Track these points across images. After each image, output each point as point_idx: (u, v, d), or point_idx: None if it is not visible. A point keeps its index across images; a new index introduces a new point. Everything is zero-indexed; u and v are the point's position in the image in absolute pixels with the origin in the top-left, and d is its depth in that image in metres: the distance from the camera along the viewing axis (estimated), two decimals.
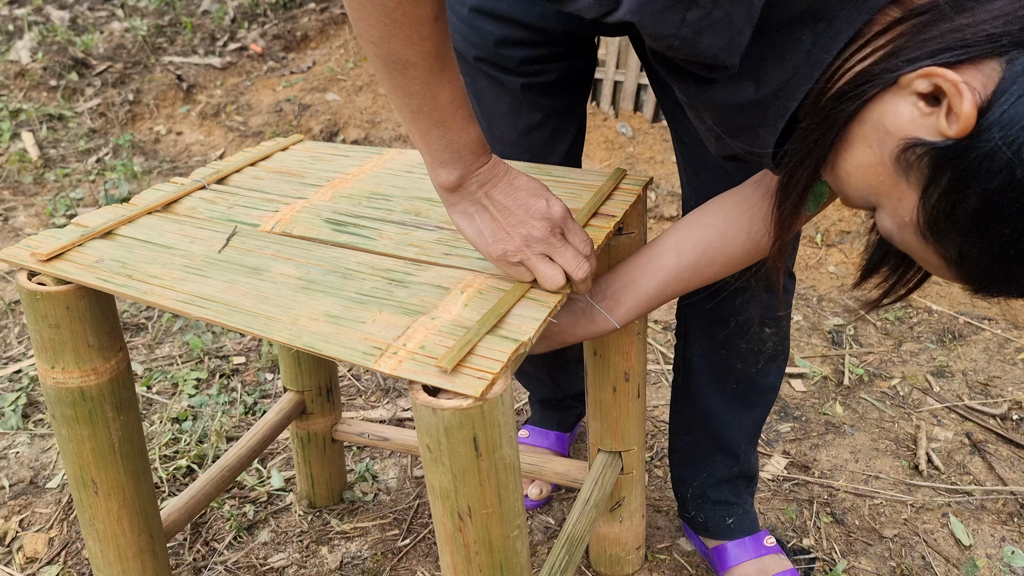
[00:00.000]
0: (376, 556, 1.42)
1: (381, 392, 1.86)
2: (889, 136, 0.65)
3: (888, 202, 0.68)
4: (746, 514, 1.34)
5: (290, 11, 4.52)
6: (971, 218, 0.61)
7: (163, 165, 3.12)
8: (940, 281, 2.26)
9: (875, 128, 0.66)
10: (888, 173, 0.66)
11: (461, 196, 0.82)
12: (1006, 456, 1.63)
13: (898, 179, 0.65)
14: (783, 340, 1.21)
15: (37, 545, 1.45)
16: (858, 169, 0.68)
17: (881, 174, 0.66)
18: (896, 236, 0.70)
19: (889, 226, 0.70)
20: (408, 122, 0.78)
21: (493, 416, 0.72)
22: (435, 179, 0.82)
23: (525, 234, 0.82)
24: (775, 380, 1.24)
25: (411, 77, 0.74)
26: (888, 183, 0.66)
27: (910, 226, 0.67)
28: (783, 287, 1.16)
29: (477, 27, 1.05)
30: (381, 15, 0.70)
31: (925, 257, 0.69)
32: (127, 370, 1.01)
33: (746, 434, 1.27)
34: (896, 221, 0.68)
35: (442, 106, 0.76)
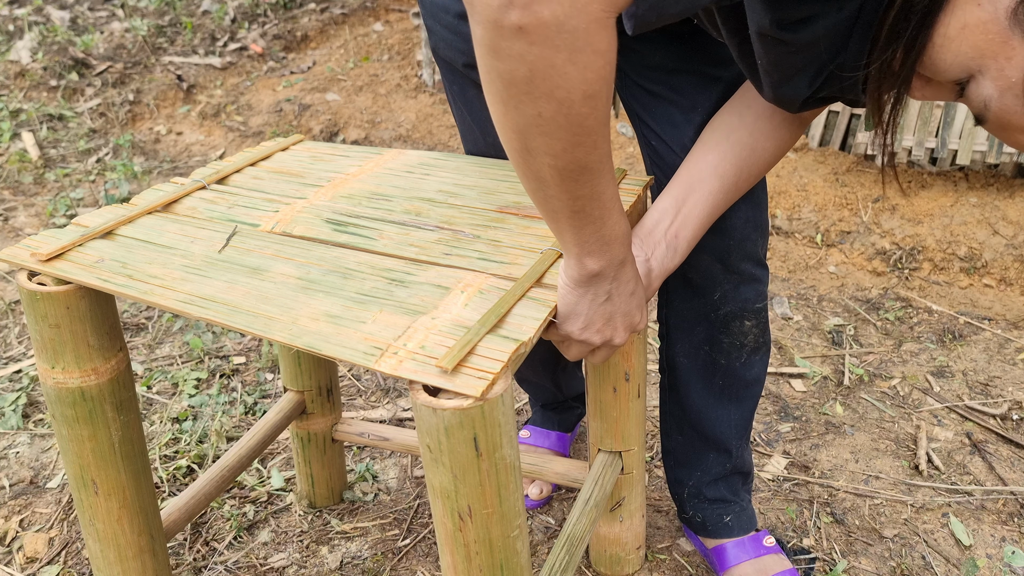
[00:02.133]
0: (376, 556, 1.42)
1: (381, 392, 1.86)
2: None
3: (994, 63, 0.66)
4: (743, 511, 1.34)
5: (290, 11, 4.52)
6: None
7: (163, 165, 3.12)
8: (940, 281, 2.26)
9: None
10: (999, 30, 0.65)
11: (593, 284, 0.83)
12: (1006, 456, 1.63)
13: (1010, 36, 0.64)
14: (763, 332, 1.22)
15: (37, 545, 1.45)
16: (963, 31, 0.66)
17: (991, 31, 0.65)
18: (995, 103, 0.68)
19: (989, 93, 0.68)
20: (562, 220, 0.76)
21: (493, 416, 0.72)
22: (576, 268, 0.81)
23: (609, 336, 0.87)
24: (759, 373, 1.25)
25: (584, 181, 0.72)
26: (998, 41, 0.65)
27: (1016, 87, 0.66)
28: (756, 278, 1.17)
29: (464, 34, 1.05)
30: (571, 126, 0.66)
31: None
32: (127, 370, 1.01)
33: (736, 429, 1.28)
34: (1001, 84, 0.67)
35: (605, 203, 0.75)
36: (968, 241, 2.34)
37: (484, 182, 1.11)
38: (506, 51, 0.61)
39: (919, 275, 2.29)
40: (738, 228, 1.10)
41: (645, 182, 1.08)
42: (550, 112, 0.64)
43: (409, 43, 4.10)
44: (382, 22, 4.45)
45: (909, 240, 2.37)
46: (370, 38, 4.23)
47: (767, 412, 1.77)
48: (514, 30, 0.59)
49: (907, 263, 2.32)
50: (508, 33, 0.59)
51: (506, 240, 0.95)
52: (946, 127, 2.65)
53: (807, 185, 2.64)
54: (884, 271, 2.32)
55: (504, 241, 0.95)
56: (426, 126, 3.34)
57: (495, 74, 0.63)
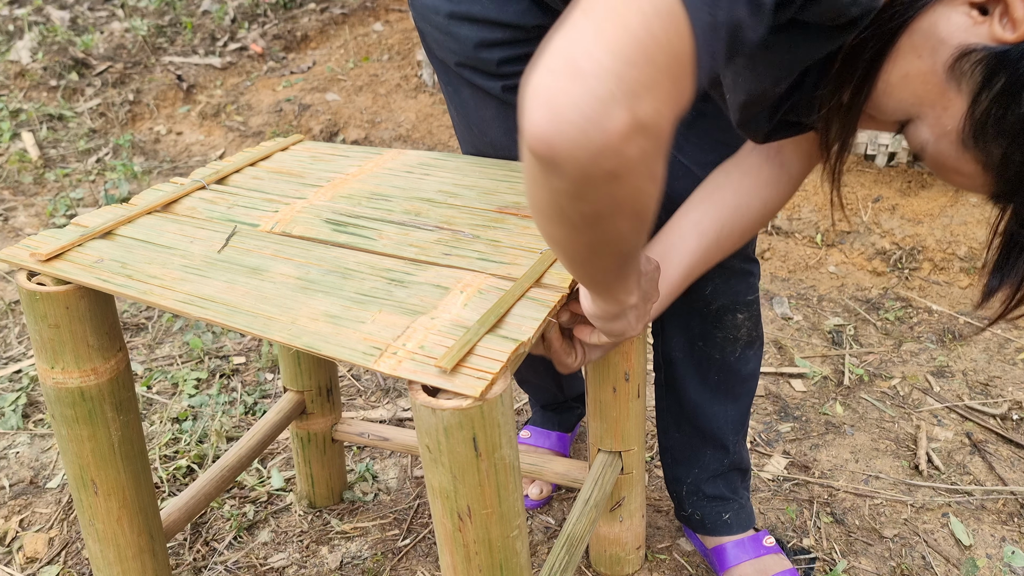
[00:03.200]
0: (376, 556, 1.42)
1: (381, 392, 1.86)
2: (943, 44, 0.66)
3: (931, 112, 0.69)
4: (742, 509, 1.34)
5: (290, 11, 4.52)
6: (1022, 121, 0.64)
7: (163, 165, 3.12)
8: (940, 281, 2.26)
9: (927, 37, 0.67)
10: (937, 81, 0.67)
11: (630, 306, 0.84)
12: (1006, 456, 1.63)
13: (947, 87, 0.67)
14: (756, 325, 1.23)
15: (37, 545, 1.45)
16: (903, 80, 0.69)
17: (929, 83, 0.68)
18: (931, 147, 0.71)
19: (925, 137, 0.71)
20: (606, 274, 0.73)
21: (493, 416, 0.72)
22: (623, 300, 0.81)
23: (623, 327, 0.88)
24: (754, 367, 1.26)
25: (633, 252, 0.69)
26: (935, 92, 0.68)
27: (951, 135, 0.68)
28: (747, 271, 1.18)
29: (454, 33, 1.06)
30: (643, 226, 0.62)
31: (958, 166, 0.71)
32: (127, 370, 1.01)
33: (733, 424, 1.28)
34: (936, 131, 0.70)
35: (640, 250, 0.75)
36: (968, 241, 2.34)
37: (484, 182, 1.11)
38: (593, 195, 0.56)
39: (919, 275, 2.29)
40: None
41: None
42: (628, 225, 0.61)
43: (409, 43, 4.10)
44: (382, 22, 4.45)
45: (909, 240, 2.37)
46: (370, 38, 4.23)
47: (767, 412, 1.77)
48: (607, 176, 0.53)
49: (907, 263, 2.32)
50: (600, 180, 0.54)
51: (505, 240, 0.95)
52: None
53: (807, 185, 2.64)
54: (884, 271, 2.32)
55: (503, 241, 0.95)
56: (426, 126, 3.34)
57: (571, 214, 0.59)
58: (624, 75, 0.50)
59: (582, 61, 0.50)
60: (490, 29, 1.04)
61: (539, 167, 0.54)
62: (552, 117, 0.50)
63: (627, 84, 0.50)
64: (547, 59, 0.52)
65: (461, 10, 1.04)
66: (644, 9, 0.51)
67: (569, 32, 0.52)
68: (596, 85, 0.50)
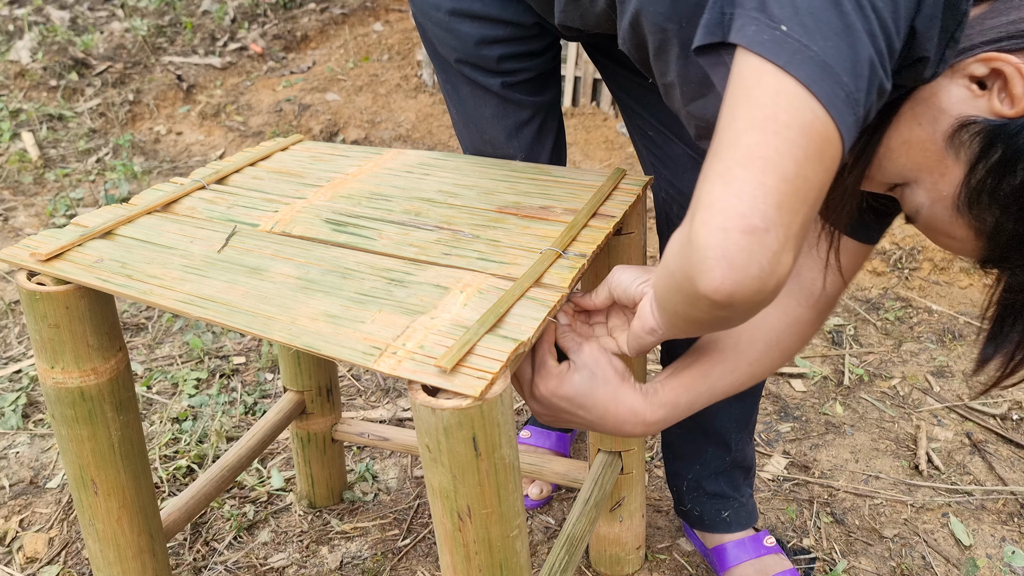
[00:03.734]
0: (376, 556, 1.42)
1: (381, 392, 1.86)
2: (943, 115, 0.68)
3: (928, 178, 0.71)
4: (743, 507, 1.34)
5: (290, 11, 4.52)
6: (1016, 192, 0.66)
7: (163, 165, 3.12)
8: (940, 281, 2.26)
9: (927, 107, 0.69)
10: (936, 150, 0.70)
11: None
12: (1006, 456, 1.63)
13: (944, 155, 0.69)
14: None
15: (37, 545, 1.45)
16: (903, 146, 0.72)
17: (928, 150, 0.70)
18: (925, 211, 0.73)
19: (921, 201, 0.73)
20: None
21: (492, 416, 0.72)
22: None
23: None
24: None
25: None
26: (933, 159, 0.70)
27: (946, 200, 0.71)
28: None
29: (455, 30, 1.07)
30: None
31: (950, 231, 0.73)
32: (127, 370, 1.01)
33: (736, 422, 1.28)
34: (932, 196, 0.72)
35: None
36: None
37: (483, 182, 1.11)
38: (749, 316, 0.64)
39: (919, 275, 2.29)
40: None
41: (645, 182, 1.08)
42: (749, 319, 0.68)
43: (409, 43, 4.10)
44: (382, 22, 4.46)
45: (909, 240, 2.37)
46: (370, 38, 4.23)
47: (767, 412, 1.77)
48: (764, 302, 0.61)
49: (907, 263, 2.32)
50: (759, 307, 0.61)
51: (505, 240, 0.95)
52: None
53: None
54: (884, 271, 2.32)
55: (503, 241, 0.95)
56: (426, 126, 3.34)
57: (716, 324, 0.67)
58: (789, 224, 0.57)
59: (753, 219, 0.56)
60: (491, 26, 1.05)
61: (709, 306, 0.61)
62: (733, 273, 0.57)
63: (792, 231, 0.58)
64: (716, 216, 0.57)
65: (462, 7, 1.05)
66: (797, 156, 0.56)
67: (732, 186, 0.57)
68: (770, 240, 0.56)
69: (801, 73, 0.57)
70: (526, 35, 1.07)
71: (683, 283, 0.62)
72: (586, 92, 3.34)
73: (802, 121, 0.57)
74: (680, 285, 0.63)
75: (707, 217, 0.57)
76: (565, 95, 3.35)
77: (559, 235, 0.95)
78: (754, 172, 0.56)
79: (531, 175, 1.12)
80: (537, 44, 1.10)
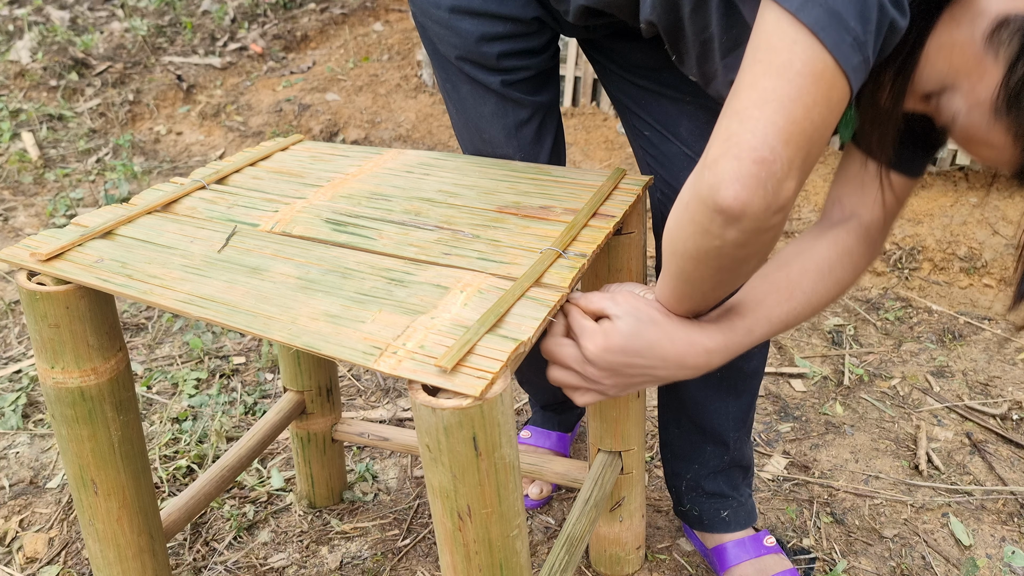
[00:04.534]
0: (376, 556, 1.42)
1: (381, 392, 1.86)
2: (982, 15, 0.69)
3: (967, 81, 0.72)
4: (742, 507, 1.34)
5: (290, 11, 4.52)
6: None
7: (163, 165, 3.12)
8: (940, 281, 2.26)
9: (966, 8, 0.70)
10: (974, 51, 0.70)
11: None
12: (1006, 456, 1.63)
13: (983, 57, 0.70)
14: None
15: (37, 545, 1.45)
16: (941, 50, 0.72)
17: (966, 52, 0.71)
18: (962, 117, 0.74)
19: (958, 107, 0.73)
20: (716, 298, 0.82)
21: (493, 416, 0.72)
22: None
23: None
24: (758, 365, 1.25)
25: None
26: (972, 61, 0.71)
27: (984, 105, 0.71)
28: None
29: (455, 27, 1.07)
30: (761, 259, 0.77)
31: (989, 137, 0.73)
32: (127, 370, 1.01)
33: (734, 421, 1.28)
34: (970, 100, 0.72)
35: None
36: (968, 241, 2.34)
37: (484, 182, 1.11)
38: (755, 242, 0.71)
39: (919, 275, 2.29)
40: None
41: (644, 182, 1.08)
42: (755, 262, 0.76)
43: (409, 43, 4.10)
44: (382, 22, 4.46)
45: (909, 240, 2.37)
46: (370, 38, 4.23)
47: (767, 412, 1.77)
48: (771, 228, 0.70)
49: (907, 263, 2.32)
50: (766, 231, 0.70)
51: (505, 240, 0.95)
52: None
53: (807, 185, 2.64)
54: (884, 271, 2.32)
55: (503, 241, 0.95)
56: (426, 126, 3.34)
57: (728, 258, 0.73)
58: (793, 158, 0.66)
59: (763, 151, 0.65)
60: (491, 23, 1.06)
61: (721, 222, 0.69)
62: (745, 191, 0.66)
63: (795, 164, 0.66)
64: (731, 147, 0.66)
65: (463, 4, 1.05)
66: (806, 101, 0.64)
67: (747, 124, 0.66)
68: (776, 169, 0.65)
69: (810, 20, 0.63)
70: (526, 32, 1.08)
71: (698, 207, 0.70)
72: (586, 92, 3.34)
73: (813, 70, 0.64)
74: (694, 211, 0.71)
75: (725, 148, 0.66)
76: (565, 95, 3.36)
77: (559, 235, 0.95)
78: (767, 113, 0.65)
79: (531, 175, 1.12)
80: (536, 41, 1.10)
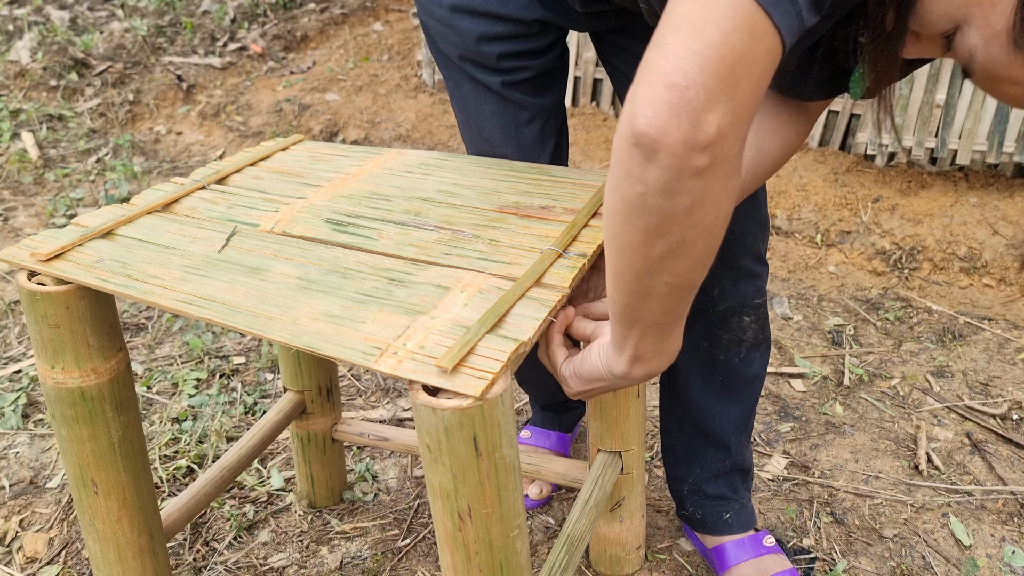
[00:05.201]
0: (376, 556, 1.42)
1: (381, 392, 1.86)
2: None
3: (979, 12, 0.67)
4: (743, 509, 1.34)
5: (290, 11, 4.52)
6: None
7: (163, 165, 3.12)
8: (940, 281, 2.26)
9: None
10: None
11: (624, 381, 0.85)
12: (1006, 456, 1.63)
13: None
14: (763, 328, 1.23)
15: (37, 545, 1.45)
16: None
17: None
18: (980, 53, 0.69)
19: (974, 43, 0.68)
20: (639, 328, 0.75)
21: (493, 416, 0.72)
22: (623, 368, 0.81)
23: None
24: (759, 369, 1.26)
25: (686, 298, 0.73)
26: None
27: (1001, 35, 0.66)
28: (755, 274, 1.18)
29: (456, 26, 1.07)
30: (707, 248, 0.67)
31: (1010, 72, 0.68)
32: (127, 370, 1.01)
33: (736, 425, 1.28)
34: (986, 32, 0.67)
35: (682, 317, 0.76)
36: (968, 241, 2.34)
37: (484, 182, 1.11)
38: (680, 190, 0.62)
39: (919, 275, 2.29)
40: (738, 222, 1.10)
41: None
42: (694, 237, 0.65)
43: (409, 43, 4.10)
44: (382, 22, 4.45)
45: (909, 240, 2.37)
46: (370, 38, 4.23)
47: (767, 412, 1.77)
48: (696, 171, 0.60)
49: (907, 263, 2.32)
50: (689, 174, 0.61)
51: (506, 240, 0.95)
52: (946, 127, 2.65)
53: (807, 185, 2.64)
54: (884, 271, 2.32)
55: (504, 241, 0.95)
56: (426, 126, 3.34)
57: (655, 210, 0.63)
58: (714, 88, 0.58)
59: (675, 76, 0.58)
60: (491, 23, 1.06)
61: (640, 158, 0.61)
62: (657, 117, 0.59)
63: (718, 96, 0.59)
64: (645, 74, 0.60)
65: (463, 3, 1.05)
66: (723, 25, 0.58)
67: (661, 49, 0.60)
68: (690, 96, 0.58)
69: None
70: (527, 33, 1.07)
71: (617, 145, 0.63)
72: (586, 92, 3.35)
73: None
74: (615, 151, 0.64)
75: (640, 76, 0.61)
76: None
77: (559, 235, 0.95)
78: (681, 37, 0.59)
79: (531, 175, 1.12)
80: (538, 43, 1.10)
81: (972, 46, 0.69)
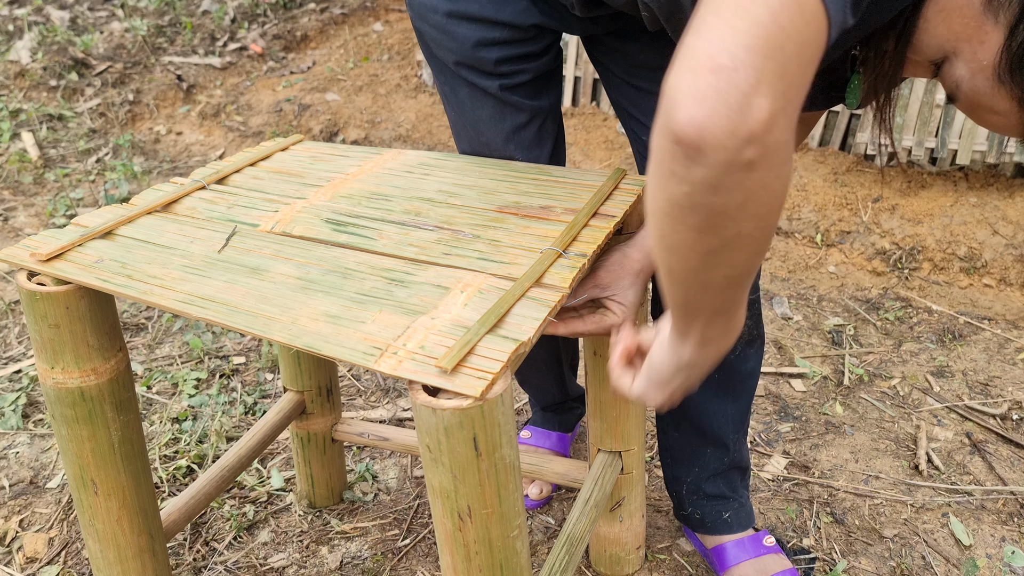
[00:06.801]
0: (376, 556, 1.42)
1: (381, 392, 1.86)
2: None
3: (968, 47, 0.70)
4: (742, 508, 1.34)
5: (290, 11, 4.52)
6: None
7: (163, 165, 3.12)
8: (940, 281, 2.26)
9: None
10: (974, 14, 0.68)
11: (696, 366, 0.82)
12: (1006, 456, 1.63)
13: (983, 20, 0.68)
14: (757, 324, 1.23)
15: (37, 545, 1.45)
16: (940, 14, 0.70)
17: (966, 16, 0.69)
18: (966, 84, 0.72)
19: (961, 74, 0.71)
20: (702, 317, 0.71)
21: (493, 416, 0.72)
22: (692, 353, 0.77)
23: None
24: (754, 366, 1.26)
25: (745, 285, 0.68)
26: (972, 26, 0.69)
27: (987, 70, 0.69)
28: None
29: (452, 32, 1.07)
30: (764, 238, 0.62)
31: (993, 104, 0.71)
32: (127, 370, 1.01)
33: (733, 423, 1.28)
34: (972, 66, 0.70)
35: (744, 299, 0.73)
36: (968, 241, 2.34)
37: (484, 182, 1.11)
38: (730, 186, 0.56)
39: (919, 275, 2.29)
40: None
41: (645, 182, 1.08)
42: (749, 229, 0.60)
43: (409, 43, 4.10)
44: (382, 22, 4.45)
45: (909, 240, 2.37)
46: (370, 38, 4.23)
47: (767, 412, 1.77)
48: (746, 164, 0.55)
49: (907, 263, 2.32)
50: (739, 169, 0.55)
51: (506, 240, 0.95)
52: (946, 127, 2.65)
53: (807, 185, 2.64)
54: (884, 271, 2.32)
55: (504, 241, 0.95)
56: (426, 126, 3.34)
57: (704, 208, 0.58)
58: (763, 68, 0.53)
59: (721, 57, 0.53)
60: (488, 28, 1.05)
61: (683, 157, 0.56)
62: (700, 108, 0.53)
63: (767, 78, 0.53)
64: (685, 60, 0.54)
65: (460, 9, 1.05)
66: (771, 2, 0.53)
67: (702, 31, 0.54)
68: (738, 78, 0.52)
69: None
70: (524, 37, 1.07)
71: (658, 142, 0.58)
72: (586, 92, 3.34)
73: None
74: (656, 149, 0.59)
75: (679, 64, 0.55)
76: (565, 95, 3.35)
77: (559, 235, 0.95)
78: (725, 18, 0.54)
79: (531, 175, 1.12)
80: (535, 46, 1.10)
81: (959, 76, 0.72)
